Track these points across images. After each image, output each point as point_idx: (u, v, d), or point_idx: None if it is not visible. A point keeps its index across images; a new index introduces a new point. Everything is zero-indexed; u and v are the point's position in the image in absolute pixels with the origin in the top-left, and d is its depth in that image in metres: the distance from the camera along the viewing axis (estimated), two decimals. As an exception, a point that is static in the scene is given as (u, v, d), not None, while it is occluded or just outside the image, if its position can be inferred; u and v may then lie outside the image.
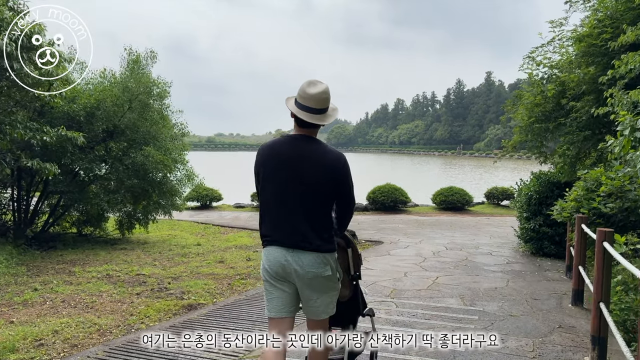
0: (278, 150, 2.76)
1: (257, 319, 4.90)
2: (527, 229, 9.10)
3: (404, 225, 14.62)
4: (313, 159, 2.70)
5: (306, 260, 2.66)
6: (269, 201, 2.76)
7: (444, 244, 10.41)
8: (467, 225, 14.69)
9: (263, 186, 2.80)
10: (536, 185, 9.05)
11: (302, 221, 2.68)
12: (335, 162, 2.73)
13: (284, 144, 2.79)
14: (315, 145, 2.76)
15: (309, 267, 2.66)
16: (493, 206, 19.76)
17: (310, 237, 2.67)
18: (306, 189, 2.69)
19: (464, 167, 67.14)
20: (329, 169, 2.71)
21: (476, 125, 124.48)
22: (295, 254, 2.67)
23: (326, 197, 2.74)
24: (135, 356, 3.97)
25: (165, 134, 12.04)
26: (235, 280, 7.38)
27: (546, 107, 8.70)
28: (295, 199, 2.69)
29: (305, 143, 2.75)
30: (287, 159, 2.71)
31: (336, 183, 2.74)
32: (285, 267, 2.68)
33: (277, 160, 2.74)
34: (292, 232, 2.69)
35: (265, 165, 2.77)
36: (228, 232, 13.58)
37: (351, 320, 3.20)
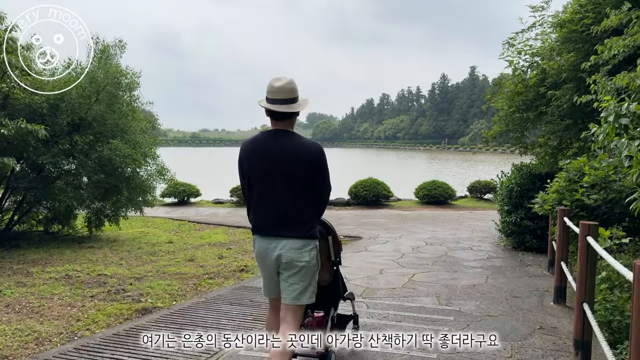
0: (259, 144, 2.95)
1: (212, 324, 4.49)
2: (508, 223, 8.81)
3: (385, 219, 14.30)
4: (291, 151, 2.87)
5: (284, 245, 2.85)
6: (253, 193, 2.96)
7: (424, 238, 10.09)
8: (449, 219, 14.42)
9: (247, 179, 2.98)
10: (517, 178, 8.75)
11: (284, 210, 2.87)
12: (312, 153, 2.91)
13: (263, 138, 2.97)
14: (293, 137, 2.94)
15: (287, 252, 2.85)
16: (476, 200, 19.55)
17: (291, 225, 2.87)
18: (286, 179, 2.87)
19: (448, 161, 67.29)
20: (307, 159, 2.89)
21: (460, 119, 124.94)
22: (276, 241, 2.88)
23: (306, 186, 2.91)
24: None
25: (135, 127, 11.55)
26: (202, 280, 6.96)
27: (527, 96, 8.40)
28: (276, 190, 2.88)
29: (283, 136, 2.93)
30: (267, 153, 2.90)
31: (314, 172, 2.92)
32: (267, 254, 2.91)
33: (258, 154, 2.92)
34: (274, 221, 2.89)
35: (248, 159, 2.96)
36: (204, 228, 13.13)
37: (332, 303, 3.38)
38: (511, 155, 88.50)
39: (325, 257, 3.28)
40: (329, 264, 3.35)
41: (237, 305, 5.03)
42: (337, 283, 3.41)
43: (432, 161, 67.70)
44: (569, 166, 5.49)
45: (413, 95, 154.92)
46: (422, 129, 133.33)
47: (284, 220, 2.88)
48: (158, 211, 16.69)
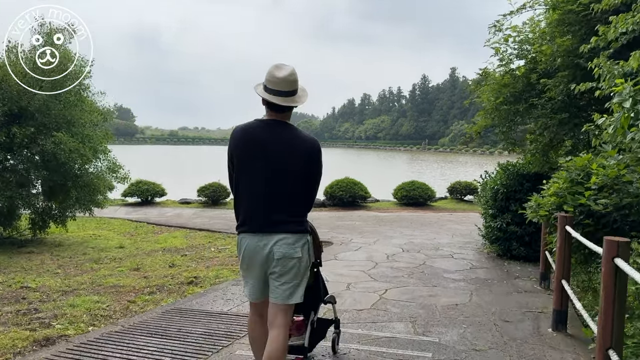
0: (252, 134, 2.75)
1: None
2: (492, 228, 7.95)
3: (361, 222, 13.38)
4: (287, 144, 2.71)
5: (275, 241, 2.67)
6: (244, 186, 2.77)
7: (401, 244, 9.18)
8: (428, 222, 13.57)
9: (237, 170, 2.78)
10: (503, 178, 7.90)
11: (276, 204, 2.70)
12: (309, 148, 2.77)
13: (257, 128, 2.76)
14: (289, 130, 2.78)
15: (280, 247, 2.67)
16: (456, 201, 18.78)
17: (283, 220, 2.69)
18: (280, 173, 2.70)
19: (428, 161, 66.86)
20: (303, 154, 2.74)
21: (441, 120, 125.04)
22: (268, 237, 2.68)
23: (299, 181, 2.75)
24: None
25: (85, 119, 10.41)
26: (140, 295, 5.93)
27: (516, 87, 7.54)
28: (270, 183, 2.69)
29: (280, 128, 2.75)
30: (261, 144, 2.71)
31: (309, 167, 2.76)
32: (257, 251, 2.69)
33: (251, 144, 2.73)
34: (267, 217, 2.69)
35: (239, 149, 2.76)
36: (163, 231, 12.04)
37: (312, 307, 3.21)
38: (490, 156, 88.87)
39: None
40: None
41: (158, 337, 3.99)
42: (318, 285, 3.27)
43: (413, 162, 67.22)
44: (570, 164, 4.61)
45: (394, 95, 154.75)
46: (403, 129, 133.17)
47: (277, 216, 2.71)
48: (118, 212, 15.55)
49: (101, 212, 15.05)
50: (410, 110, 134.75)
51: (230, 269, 7.42)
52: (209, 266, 7.81)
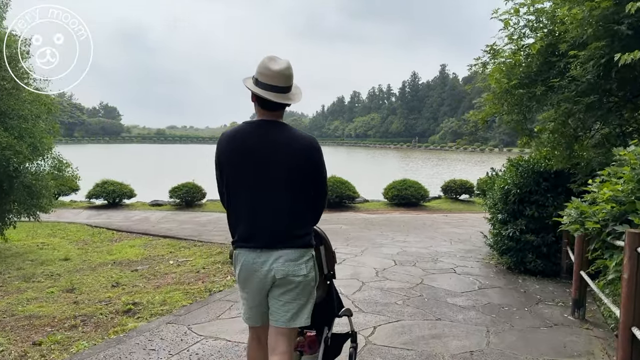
0: (242, 139, 2.40)
1: None
2: (502, 237, 6.62)
3: (348, 226, 12.02)
4: (283, 146, 2.36)
5: (276, 258, 2.33)
6: (236, 198, 2.42)
7: (393, 255, 7.83)
8: (422, 225, 12.24)
9: (227, 182, 2.43)
10: (515, 177, 6.58)
11: (274, 217, 2.36)
12: (308, 149, 2.41)
13: (248, 132, 2.41)
14: (284, 130, 2.41)
15: (281, 266, 2.33)
16: (451, 201, 17.50)
17: (283, 234, 2.35)
18: (277, 180, 2.36)
19: (420, 159, 65.75)
20: (301, 156, 2.38)
21: (431, 118, 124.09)
22: (267, 254, 2.35)
23: (299, 188, 2.40)
24: None
25: (24, 111, 8.92)
26: (55, 332, 4.54)
27: (530, 67, 6.22)
28: (267, 193, 2.36)
29: (273, 129, 2.39)
30: (253, 149, 2.36)
31: (309, 171, 2.41)
32: (255, 269, 2.35)
33: (241, 151, 2.38)
34: (265, 231, 2.35)
35: (228, 157, 2.41)
36: (122, 238, 10.58)
37: (326, 322, 2.88)
38: (482, 154, 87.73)
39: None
40: (321, 279, 2.74)
41: None
42: (332, 299, 2.92)
43: (405, 159, 66.08)
44: (630, 155, 3.26)
45: (384, 93, 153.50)
46: (393, 127, 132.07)
47: (277, 229, 2.35)
48: (80, 215, 14.05)
49: (61, 216, 13.63)
50: (400, 107, 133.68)
51: (184, 290, 6.03)
52: (160, 286, 6.41)
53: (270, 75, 2.34)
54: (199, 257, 8.29)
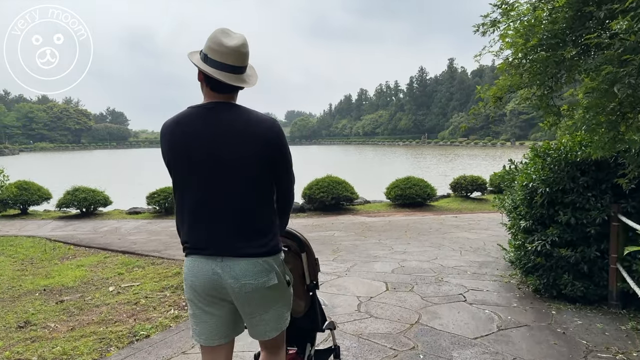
0: (188, 126, 2.02)
1: None
2: (527, 251, 4.98)
3: (341, 232, 10.44)
4: (237, 132, 1.99)
5: (241, 269, 2.00)
6: (185, 196, 2.07)
7: (386, 273, 6.22)
8: (427, 229, 10.60)
9: (176, 178, 2.09)
10: (542, 170, 4.94)
11: (231, 218, 2.01)
12: (267, 133, 2.02)
13: (194, 117, 2.03)
14: (238, 113, 2.04)
15: (245, 278, 2.00)
16: (461, 199, 15.81)
17: (243, 239, 2.00)
18: (234, 173, 1.99)
19: (428, 155, 63.90)
20: (260, 143, 2.00)
21: (440, 113, 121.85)
22: (226, 264, 2.00)
23: (259, 182, 2.03)
24: None
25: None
26: None
27: (556, 23, 4.58)
28: (222, 189, 2.00)
29: (225, 112, 2.02)
30: (202, 138, 2.00)
31: (271, 160, 2.04)
32: (216, 282, 2.02)
33: (187, 140, 2.01)
34: (218, 235, 2.01)
35: (174, 149, 2.04)
36: (77, 255, 9.08)
37: (309, 338, 2.69)
38: (493, 148, 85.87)
39: (298, 281, 2.45)
40: (303, 289, 2.50)
41: None
42: (315, 312, 2.61)
43: (412, 156, 64.24)
44: None
45: (391, 89, 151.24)
46: (401, 123, 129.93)
47: (235, 233, 2.00)
48: (45, 227, 12.59)
49: (23, 229, 12.22)
50: (408, 104, 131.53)
51: (101, 334, 4.53)
52: (76, 327, 4.90)
53: (224, 52, 1.98)
54: (149, 280, 6.76)
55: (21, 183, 14.17)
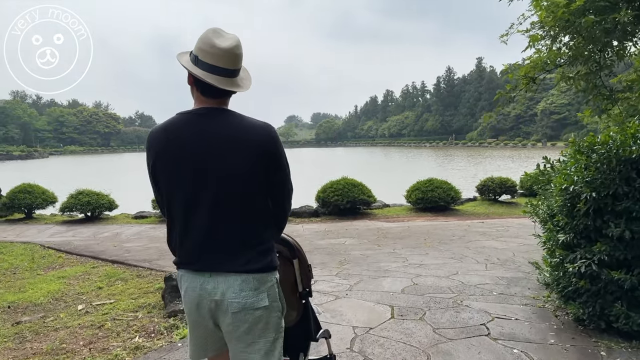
0: (177, 134, 1.89)
1: None
2: (567, 272, 3.96)
3: (353, 240, 9.50)
4: (230, 140, 1.86)
5: (230, 286, 1.85)
6: (175, 207, 1.92)
7: (395, 293, 5.27)
8: (450, 236, 9.57)
9: (161, 189, 1.96)
10: (587, 170, 3.92)
11: (222, 233, 1.87)
12: (262, 140, 1.88)
13: (184, 124, 1.90)
14: (231, 118, 1.91)
15: (233, 297, 1.85)
16: (488, 203, 14.65)
17: (234, 253, 1.87)
18: (222, 185, 1.85)
19: (456, 157, 62.22)
20: (254, 150, 1.86)
21: (468, 114, 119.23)
22: (216, 279, 1.87)
23: (254, 194, 1.89)
24: None
25: None
26: None
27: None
28: (213, 200, 1.86)
29: (217, 119, 1.90)
30: (192, 146, 1.86)
31: (266, 169, 1.90)
32: (203, 298, 1.89)
33: (176, 148, 1.87)
34: (209, 249, 1.88)
35: (161, 158, 1.91)
36: (64, 264, 8.40)
37: (301, 348, 2.51)
38: (523, 149, 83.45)
39: (289, 289, 2.30)
40: (295, 298, 2.37)
41: None
42: (308, 321, 2.48)
43: (445, 158, 62.64)
44: None
45: (418, 90, 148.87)
46: (428, 124, 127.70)
47: (226, 247, 1.87)
48: (45, 232, 12.05)
49: (22, 234, 11.68)
50: (435, 104, 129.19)
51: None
52: (17, 357, 4.10)
53: (215, 54, 1.84)
54: (126, 296, 5.97)
55: (25, 186, 13.69)
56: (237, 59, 1.89)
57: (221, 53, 1.84)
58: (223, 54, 1.84)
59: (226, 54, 1.84)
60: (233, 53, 1.86)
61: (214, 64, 1.84)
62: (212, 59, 1.84)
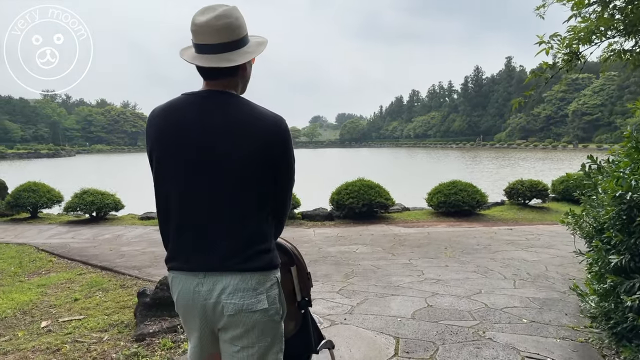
0: (178, 115, 1.73)
1: None
2: (620, 303, 3.06)
3: (366, 248, 8.66)
4: (237, 127, 1.68)
5: (226, 286, 1.69)
6: (168, 202, 1.76)
7: (405, 317, 4.42)
8: (474, 245, 8.64)
9: (159, 176, 1.77)
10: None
11: (221, 226, 1.70)
12: (272, 131, 1.72)
13: (186, 105, 1.73)
14: (240, 105, 1.73)
15: (232, 297, 1.69)
16: (517, 208, 13.58)
17: (236, 251, 1.70)
18: (223, 174, 1.69)
19: (485, 158, 60.54)
20: (260, 141, 1.69)
21: (497, 114, 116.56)
22: (212, 280, 1.71)
23: (255, 186, 1.71)
24: None
25: None
26: None
27: None
28: (210, 192, 1.70)
29: (221, 102, 1.72)
30: (193, 131, 1.70)
31: (271, 163, 1.73)
32: (196, 299, 1.73)
33: (176, 133, 1.71)
34: (204, 247, 1.71)
35: (159, 142, 1.74)
36: (52, 269, 7.81)
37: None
38: (553, 151, 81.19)
39: (287, 299, 2.03)
40: (293, 308, 2.21)
41: None
42: (307, 332, 2.31)
43: (472, 160, 61.08)
44: None
45: (444, 90, 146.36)
46: (455, 125, 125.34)
47: (223, 244, 1.70)
48: (46, 233, 11.56)
49: (22, 234, 11.22)
50: (463, 104, 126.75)
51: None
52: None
53: (196, 32, 1.69)
54: (101, 311, 5.29)
55: (30, 185, 13.26)
56: (220, 32, 1.68)
57: (199, 29, 1.68)
58: (200, 30, 1.68)
59: (205, 29, 1.67)
60: (213, 27, 1.67)
61: (198, 43, 1.71)
62: (196, 38, 1.71)
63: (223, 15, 1.68)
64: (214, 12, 1.69)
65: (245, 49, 1.74)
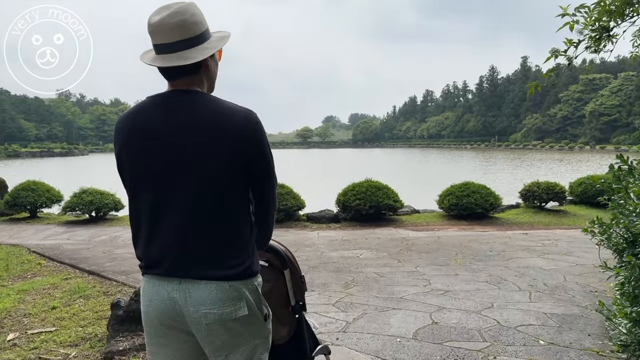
0: (144, 118, 1.67)
1: None
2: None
3: (371, 253, 8.16)
4: (205, 125, 1.61)
5: (202, 295, 1.60)
6: (140, 205, 1.69)
7: (405, 338, 3.93)
8: (486, 251, 8.09)
9: (129, 182, 1.71)
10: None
11: (193, 233, 1.61)
12: (241, 126, 1.64)
13: (152, 106, 1.69)
14: (203, 101, 1.66)
15: (207, 307, 1.60)
16: (533, 211, 12.94)
17: (208, 256, 1.62)
18: (194, 177, 1.60)
19: (501, 159, 59.55)
20: (231, 138, 1.61)
21: (512, 115, 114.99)
22: (185, 287, 1.61)
23: (229, 188, 1.63)
24: None
25: None
26: None
27: None
28: (178, 197, 1.61)
29: (186, 100, 1.65)
30: (160, 133, 1.63)
31: (246, 160, 1.64)
32: (172, 309, 1.63)
33: (143, 136, 1.65)
34: (177, 252, 1.62)
35: (128, 147, 1.67)
36: (39, 273, 7.44)
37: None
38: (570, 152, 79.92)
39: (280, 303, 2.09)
40: (287, 312, 2.11)
41: None
42: (302, 338, 2.20)
43: (487, 160, 60.13)
44: None
45: (459, 90, 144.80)
46: (469, 125, 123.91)
47: (199, 249, 1.61)
48: (41, 233, 11.22)
49: (17, 235, 10.91)
50: (477, 104, 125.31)
51: None
52: None
53: (152, 32, 1.64)
54: (76, 322, 4.88)
55: (29, 184, 12.97)
56: (174, 30, 1.61)
57: (155, 29, 1.63)
58: (157, 29, 1.62)
59: (160, 28, 1.62)
60: (166, 24, 1.61)
61: (156, 43, 1.65)
62: (153, 38, 1.66)
63: (177, 13, 1.62)
64: (167, 10, 1.64)
65: (205, 45, 1.67)
